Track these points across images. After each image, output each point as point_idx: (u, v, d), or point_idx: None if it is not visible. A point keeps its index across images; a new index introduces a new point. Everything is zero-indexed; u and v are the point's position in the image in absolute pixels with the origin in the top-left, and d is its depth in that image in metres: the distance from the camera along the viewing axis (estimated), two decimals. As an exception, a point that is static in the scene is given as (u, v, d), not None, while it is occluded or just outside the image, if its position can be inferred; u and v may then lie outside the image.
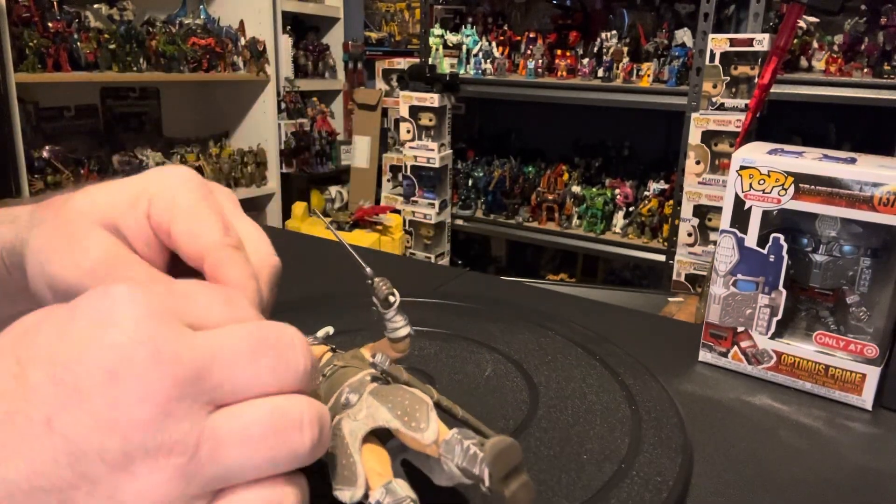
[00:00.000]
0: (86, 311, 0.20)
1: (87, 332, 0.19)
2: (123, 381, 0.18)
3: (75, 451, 0.18)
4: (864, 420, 0.44)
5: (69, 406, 0.18)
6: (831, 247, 0.46)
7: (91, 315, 0.19)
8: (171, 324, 0.20)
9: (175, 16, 2.58)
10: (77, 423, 0.18)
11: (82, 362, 0.18)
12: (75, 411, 0.18)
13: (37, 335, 0.20)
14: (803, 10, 0.76)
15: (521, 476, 0.23)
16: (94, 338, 0.19)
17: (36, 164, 2.14)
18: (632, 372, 0.44)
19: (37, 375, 0.19)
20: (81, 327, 0.19)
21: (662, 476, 0.33)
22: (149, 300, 0.20)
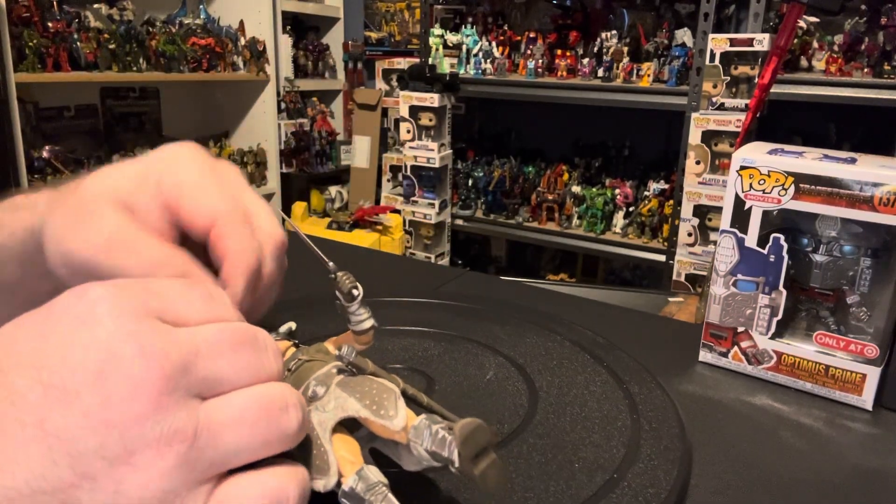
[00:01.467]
0: (65, 313, 0.20)
1: (68, 333, 0.19)
2: (112, 378, 0.18)
3: (72, 452, 0.18)
4: (865, 420, 0.44)
5: (61, 408, 0.18)
6: (831, 247, 0.46)
7: (70, 316, 0.20)
8: (151, 321, 0.20)
9: (175, 16, 2.58)
10: (71, 423, 0.18)
11: (68, 363, 0.19)
12: (68, 412, 0.18)
13: (14, 342, 0.20)
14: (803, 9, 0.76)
15: (491, 456, 0.23)
16: (76, 338, 0.19)
17: (36, 164, 2.14)
18: (637, 380, 0.43)
19: (22, 381, 0.18)
20: (62, 329, 0.19)
21: (655, 487, 0.32)
22: (126, 298, 0.20)
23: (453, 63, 2.58)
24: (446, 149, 2.55)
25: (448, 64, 2.59)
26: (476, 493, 0.30)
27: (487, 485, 0.23)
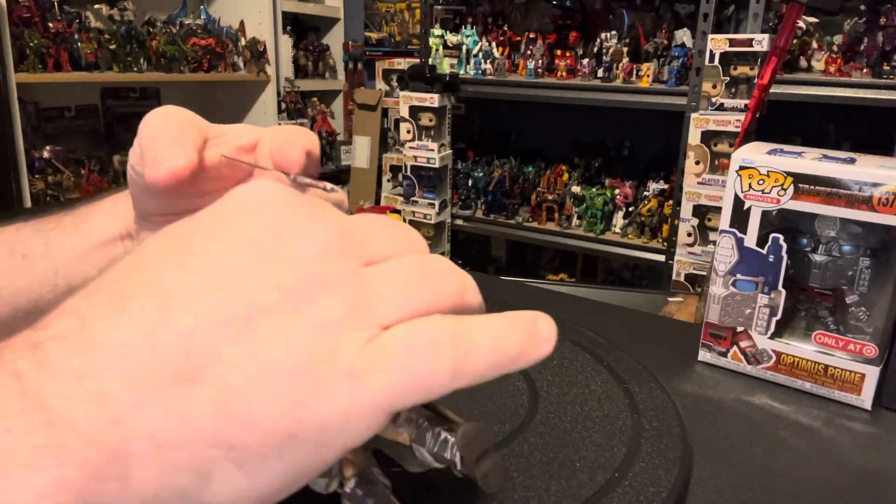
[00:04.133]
0: (236, 195, 0.22)
1: (244, 204, 0.22)
2: (286, 230, 0.21)
3: (248, 285, 0.19)
4: (864, 420, 0.44)
5: (240, 255, 0.20)
6: (831, 247, 0.46)
7: (243, 192, 0.22)
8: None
9: (175, 16, 2.58)
10: (249, 262, 0.20)
11: (247, 224, 0.21)
12: (246, 255, 0.20)
13: (189, 222, 0.22)
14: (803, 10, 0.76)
15: (493, 458, 0.24)
16: (254, 206, 0.21)
17: (36, 164, 2.13)
18: (638, 380, 0.43)
19: (202, 243, 0.20)
20: (237, 204, 0.22)
21: (656, 486, 0.32)
22: (289, 189, 0.23)
23: (453, 63, 2.58)
24: (446, 149, 2.55)
25: (448, 64, 2.59)
26: (478, 494, 0.30)
27: (489, 486, 0.23)
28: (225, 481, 0.18)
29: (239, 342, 0.19)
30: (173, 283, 0.19)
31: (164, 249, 0.21)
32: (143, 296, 0.19)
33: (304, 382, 0.19)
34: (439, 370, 0.19)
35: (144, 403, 0.17)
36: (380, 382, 0.19)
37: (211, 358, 0.18)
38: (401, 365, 0.19)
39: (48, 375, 0.17)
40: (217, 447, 0.18)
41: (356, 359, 0.19)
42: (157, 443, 0.17)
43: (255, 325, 0.19)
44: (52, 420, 0.16)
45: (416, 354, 0.19)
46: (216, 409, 0.18)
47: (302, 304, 0.19)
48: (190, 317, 0.19)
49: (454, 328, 0.20)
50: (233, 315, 0.19)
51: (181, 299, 0.19)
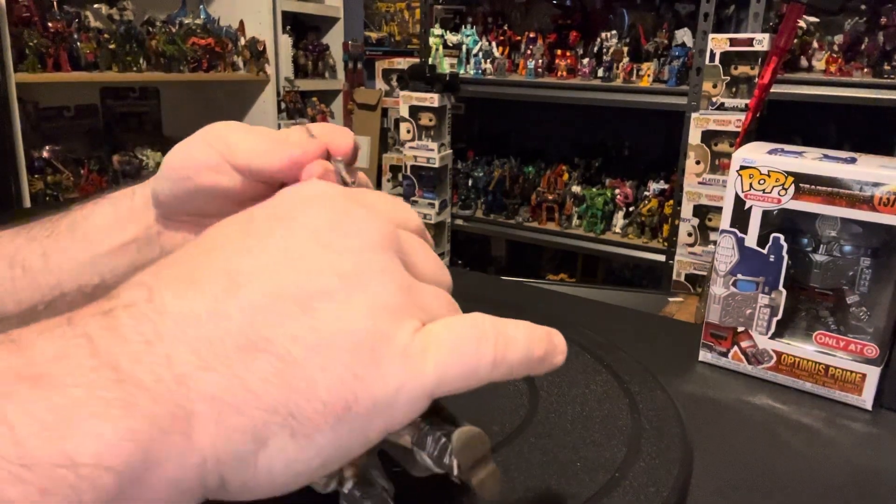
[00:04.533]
0: (295, 191, 0.24)
1: (302, 198, 0.23)
2: (346, 222, 0.22)
3: (312, 268, 0.21)
4: (864, 420, 0.44)
5: (303, 241, 0.21)
6: (831, 247, 0.46)
7: (302, 192, 0.24)
8: None
9: (175, 16, 2.58)
10: (312, 248, 0.21)
11: (309, 214, 0.22)
12: (309, 243, 0.21)
13: (251, 213, 0.23)
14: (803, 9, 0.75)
15: (489, 465, 0.24)
16: (314, 202, 0.23)
17: (36, 164, 2.13)
18: (639, 380, 0.43)
19: (267, 228, 0.22)
20: (297, 200, 0.23)
21: (657, 486, 0.32)
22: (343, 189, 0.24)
23: (453, 63, 2.58)
24: (446, 149, 2.54)
25: (448, 64, 2.59)
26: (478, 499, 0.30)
27: (485, 494, 0.23)
28: (278, 448, 0.19)
29: (301, 317, 0.20)
30: (239, 263, 0.21)
31: (229, 236, 0.22)
32: (210, 274, 0.20)
33: (363, 358, 0.20)
34: (482, 359, 0.21)
35: (209, 367, 0.18)
36: (429, 366, 0.21)
37: (275, 330, 0.19)
38: (450, 351, 0.21)
39: (118, 339, 0.18)
40: (276, 414, 0.19)
41: (410, 341, 0.21)
42: (220, 405, 0.18)
43: (317, 303, 0.20)
44: (121, 378, 0.17)
45: (463, 343, 0.21)
46: (278, 378, 0.19)
47: (359, 288, 0.21)
48: (256, 292, 0.20)
49: (495, 324, 0.22)
50: (296, 293, 0.20)
51: (247, 276, 0.20)
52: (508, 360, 0.22)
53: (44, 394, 0.16)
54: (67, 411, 0.16)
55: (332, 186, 0.24)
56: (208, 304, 0.19)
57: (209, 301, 0.19)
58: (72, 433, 0.16)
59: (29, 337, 0.18)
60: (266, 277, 0.20)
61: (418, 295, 0.22)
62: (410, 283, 0.22)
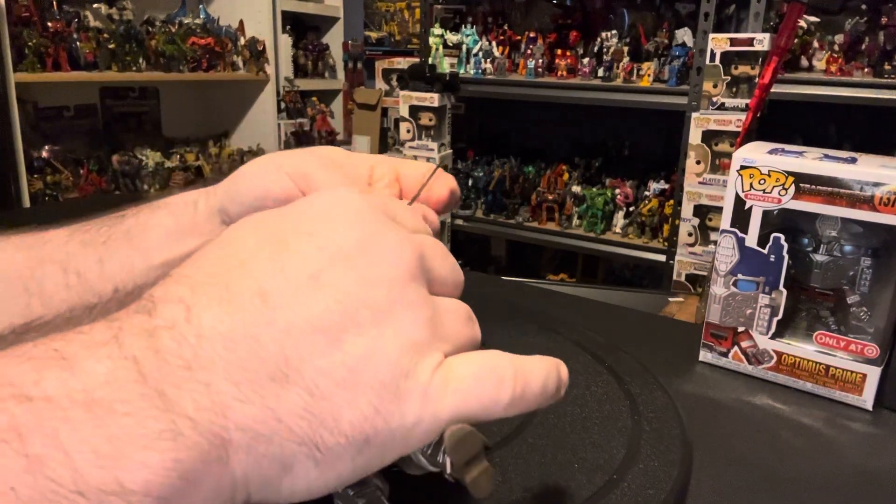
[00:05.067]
0: (324, 200, 0.24)
1: (334, 212, 0.23)
2: (378, 249, 0.22)
3: (343, 300, 0.21)
4: (865, 420, 0.44)
5: (334, 265, 0.21)
6: (832, 247, 0.46)
7: (330, 202, 0.24)
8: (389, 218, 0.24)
9: (174, 15, 2.58)
10: (343, 278, 0.21)
11: (338, 232, 0.22)
12: (341, 269, 0.21)
13: (281, 218, 0.23)
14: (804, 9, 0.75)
15: (483, 463, 0.24)
16: (343, 215, 0.23)
17: (35, 163, 2.13)
18: (639, 381, 0.43)
19: (297, 243, 0.22)
20: (327, 210, 0.23)
21: (655, 489, 0.32)
22: (369, 198, 0.24)
23: (453, 63, 2.58)
24: (446, 149, 2.54)
25: (448, 64, 2.59)
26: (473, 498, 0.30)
27: (478, 492, 0.23)
28: (302, 473, 0.20)
29: (331, 350, 0.20)
30: (272, 284, 0.21)
31: (262, 245, 0.22)
32: (244, 293, 0.21)
33: (386, 395, 0.21)
34: (500, 399, 0.22)
35: (245, 399, 0.19)
36: (447, 405, 0.21)
37: (304, 361, 0.20)
38: (467, 391, 0.22)
39: (162, 363, 0.19)
40: (303, 445, 0.20)
41: (431, 379, 0.21)
42: (253, 435, 0.19)
43: (347, 336, 0.21)
44: (168, 406, 0.18)
45: (482, 384, 0.22)
46: (306, 410, 0.20)
47: (389, 323, 0.21)
48: (288, 320, 0.20)
49: (515, 364, 0.23)
50: (328, 325, 0.21)
51: (279, 300, 0.21)
52: (526, 399, 0.23)
53: (97, 422, 0.17)
54: (120, 441, 0.17)
55: (357, 196, 0.24)
56: (243, 328, 0.20)
57: (244, 325, 0.20)
58: (124, 463, 0.17)
59: (76, 353, 0.18)
60: (298, 305, 0.21)
61: (441, 324, 0.23)
62: (434, 312, 0.23)
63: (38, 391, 0.17)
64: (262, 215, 0.23)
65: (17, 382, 0.17)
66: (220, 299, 0.20)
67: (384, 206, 0.25)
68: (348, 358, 0.20)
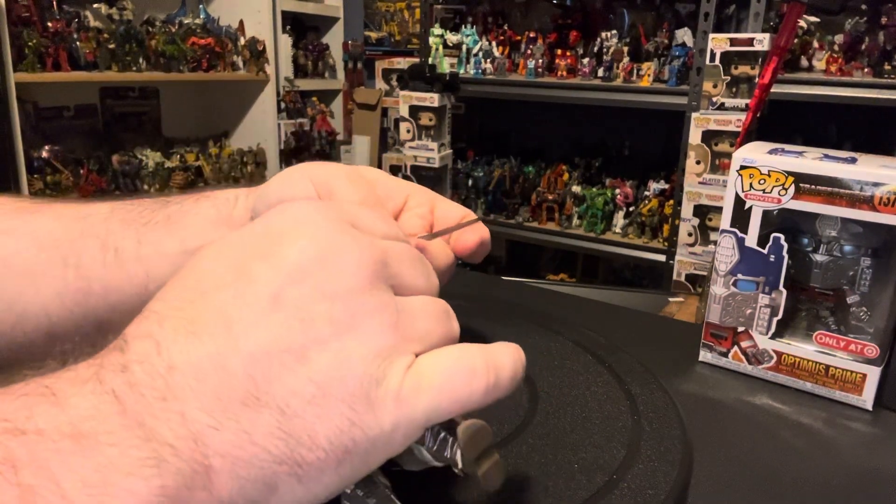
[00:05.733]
0: (283, 218, 0.24)
1: (291, 230, 0.23)
2: (335, 261, 0.22)
3: (305, 318, 0.21)
4: (865, 420, 0.44)
5: (293, 283, 0.22)
6: (832, 247, 0.46)
7: (289, 218, 0.24)
8: (351, 226, 0.24)
9: (175, 15, 2.58)
10: (304, 295, 0.21)
11: (295, 250, 0.22)
12: (300, 287, 0.22)
13: (241, 241, 0.23)
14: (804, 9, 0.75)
15: (493, 456, 0.24)
16: (300, 232, 0.23)
17: (35, 163, 2.13)
18: (640, 381, 0.43)
19: (255, 265, 0.22)
20: (284, 228, 0.23)
21: (655, 489, 0.31)
22: (330, 209, 0.24)
23: (453, 63, 2.58)
24: (446, 149, 2.54)
25: (448, 64, 2.59)
26: (475, 493, 0.30)
27: (490, 485, 0.23)
28: (287, 492, 0.20)
29: (297, 369, 0.21)
30: (236, 311, 0.21)
31: (223, 273, 0.22)
32: (209, 322, 0.21)
33: (359, 405, 0.21)
34: (474, 391, 0.22)
35: (220, 426, 0.20)
36: (421, 404, 0.22)
37: (273, 383, 0.20)
38: (440, 389, 0.22)
39: (138, 396, 0.19)
40: (283, 464, 0.20)
41: (402, 383, 0.21)
42: (232, 460, 0.20)
43: (312, 354, 0.21)
44: (148, 436, 0.19)
45: (453, 379, 0.22)
46: (280, 430, 0.20)
47: (351, 334, 0.21)
48: (252, 344, 0.21)
49: (485, 355, 0.23)
50: (291, 345, 0.21)
51: (243, 326, 0.21)
52: (500, 387, 0.23)
53: (85, 453, 0.18)
54: (106, 471, 0.18)
55: (314, 208, 0.24)
56: (211, 357, 0.20)
57: (211, 353, 0.20)
58: (112, 492, 0.18)
59: (64, 389, 0.19)
60: (260, 328, 0.21)
61: (409, 324, 0.23)
62: (400, 314, 0.23)
63: (30, 425, 0.18)
64: (224, 241, 0.24)
65: (12, 417, 0.18)
66: (187, 332, 0.21)
67: (345, 214, 0.25)
68: (315, 374, 0.21)
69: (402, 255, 0.25)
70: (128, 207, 0.35)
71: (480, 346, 0.24)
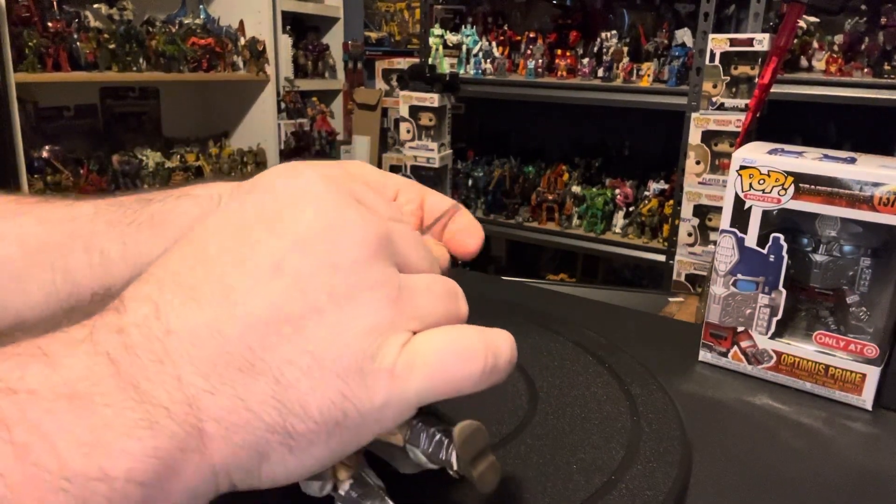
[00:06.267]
0: (286, 186, 0.23)
1: (296, 199, 0.22)
2: (339, 232, 0.22)
3: (305, 288, 0.21)
4: (864, 420, 0.44)
5: (296, 253, 0.21)
6: (831, 247, 0.46)
7: (293, 187, 0.23)
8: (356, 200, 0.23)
9: (175, 15, 2.58)
10: (305, 264, 0.21)
11: (300, 220, 0.22)
12: (302, 256, 0.21)
13: (243, 208, 0.23)
14: (803, 9, 0.75)
15: (489, 457, 0.24)
16: (305, 201, 0.22)
17: (35, 164, 2.13)
18: (639, 382, 0.43)
19: (258, 233, 0.22)
20: (289, 196, 0.23)
21: (653, 490, 0.31)
22: (335, 179, 0.24)
23: (453, 63, 2.58)
24: (446, 149, 2.54)
25: (448, 64, 2.59)
26: (471, 494, 0.30)
27: (485, 486, 0.23)
28: (278, 460, 0.21)
29: (294, 338, 0.21)
30: (234, 278, 0.21)
31: (225, 241, 0.22)
32: (209, 289, 0.21)
33: (351, 379, 0.21)
34: (471, 374, 0.22)
35: (215, 390, 0.20)
36: (414, 383, 0.21)
37: (269, 351, 0.20)
38: (434, 368, 0.22)
39: (133, 358, 0.19)
40: (275, 433, 0.20)
41: (396, 359, 0.21)
42: (226, 425, 0.20)
43: (309, 324, 0.21)
44: (143, 398, 0.19)
45: (448, 359, 0.22)
46: (274, 399, 0.20)
47: (349, 307, 0.21)
48: (251, 313, 0.21)
49: (482, 335, 0.23)
50: (289, 314, 0.21)
51: (242, 294, 0.21)
52: (498, 370, 0.23)
53: (79, 413, 0.18)
54: (101, 430, 0.18)
55: (322, 181, 0.23)
56: (209, 323, 0.20)
57: (209, 320, 0.20)
58: (106, 451, 0.18)
59: (57, 350, 0.19)
60: (259, 296, 0.21)
61: (409, 300, 0.22)
62: (401, 291, 0.22)
63: (22, 385, 0.18)
64: (228, 208, 0.23)
65: (4, 377, 0.18)
66: (187, 297, 0.21)
67: (351, 189, 0.24)
68: (310, 345, 0.21)
69: (405, 235, 0.24)
70: (111, 209, 0.34)
71: (479, 328, 0.23)
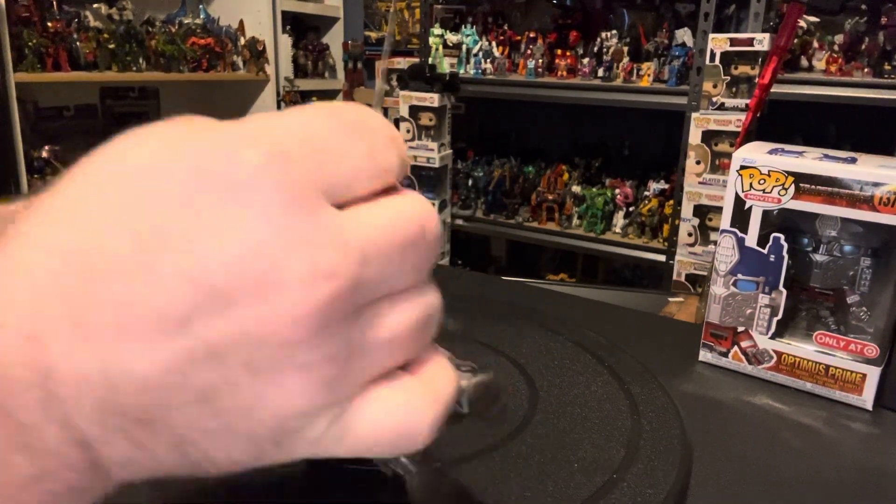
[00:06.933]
0: (218, 178, 0.16)
1: (224, 214, 0.16)
2: (274, 296, 0.16)
3: (219, 356, 0.17)
4: (865, 420, 0.44)
5: (212, 311, 0.16)
6: (831, 246, 0.46)
7: (226, 184, 0.16)
8: (320, 211, 0.17)
9: (174, 15, 2.58)
10: (222, 330, 0.16)
11: (224, 259, 0.16)
12: (220, 318, 0.16)
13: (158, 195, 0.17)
14: (804, 9, 0.75)
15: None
16: (235, 225, 0.16)
17: (35, 164, 2.13)
18: (640, 381, 0.43)
19: (167, 267, 0.16)
20: (215, 203, 0.16)
21: (655, 489, 0.32)
22: (292, 172, 0.17)
23: (453, 63, 2.58)
24: (446, 149, 2.54)
25: (448, 64, 2.59)
26: (471, 494, 0.30)
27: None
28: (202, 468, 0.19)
29: (200, 407, 0.17)
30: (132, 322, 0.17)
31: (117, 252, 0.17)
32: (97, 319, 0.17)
33: (265, 445, 0.18)
34: (411, 446, 0.20)
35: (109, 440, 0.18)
36: (342, 451, 0.19)
37: (172, 414, 0.17)
38: (368, 444, 0.19)
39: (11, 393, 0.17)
40: (183, 469, 0.18)
41: (322, 434, 0.18)
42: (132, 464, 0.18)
43: (221, 395, 0.17)
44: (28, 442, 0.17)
45: (385, 439, 0.19)
46: (179, 453, 0.18)
47: (272, 385, 0.17)
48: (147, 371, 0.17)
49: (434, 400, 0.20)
50: (194, 381, 0.17)
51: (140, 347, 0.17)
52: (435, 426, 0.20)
53: None
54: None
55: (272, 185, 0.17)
56: (100, 367, 0.16)
57: (99, 363, 0.16)
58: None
59: None
60: (159, 353, 0.16)
61: (357, 370, 0.18)
62: (349, 361, 0.18)
63: None
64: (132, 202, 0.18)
65: None
66: (73, 327, 0.17)
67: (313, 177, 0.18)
68: (220, 417, 0.17)
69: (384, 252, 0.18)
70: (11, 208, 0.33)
71: (424, 380, 0.20)
